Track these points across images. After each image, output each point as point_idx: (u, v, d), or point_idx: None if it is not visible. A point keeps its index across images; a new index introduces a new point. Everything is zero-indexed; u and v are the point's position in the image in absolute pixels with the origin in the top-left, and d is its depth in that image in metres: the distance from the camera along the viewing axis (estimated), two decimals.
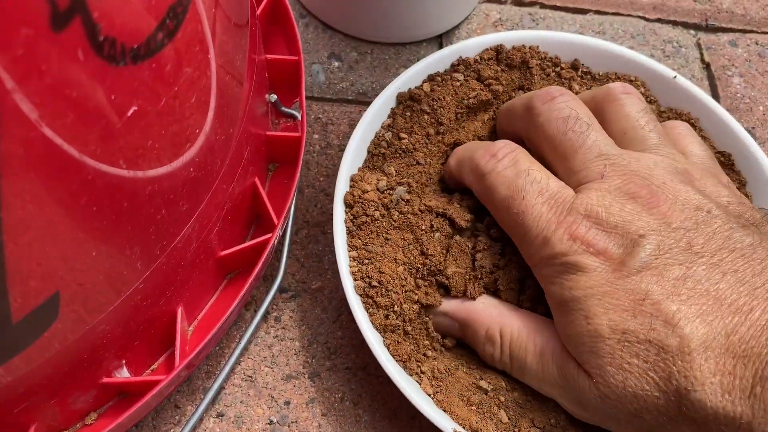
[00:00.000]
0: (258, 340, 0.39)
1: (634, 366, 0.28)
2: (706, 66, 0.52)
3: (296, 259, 0.41)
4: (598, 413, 0.30)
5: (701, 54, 0.52)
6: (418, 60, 0.43)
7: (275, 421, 0.37)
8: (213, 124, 0.27)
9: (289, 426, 0.37)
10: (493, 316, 0.34)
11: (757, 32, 0.54)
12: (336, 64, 0.48)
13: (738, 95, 0.50)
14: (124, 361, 0.31)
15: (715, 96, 0.50)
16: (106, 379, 0.31)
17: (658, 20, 0.54)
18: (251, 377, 0.38)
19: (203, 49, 0.25)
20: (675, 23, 0.54)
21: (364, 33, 0.49)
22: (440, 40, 0.50)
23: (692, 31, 0.53)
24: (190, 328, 0.35)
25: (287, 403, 0.37)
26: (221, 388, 0.37)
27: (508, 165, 0.33)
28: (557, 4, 0.53)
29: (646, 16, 0.54)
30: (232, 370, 0.38)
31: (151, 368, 0.34)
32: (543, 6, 0.53)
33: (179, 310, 0.32)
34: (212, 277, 0.35)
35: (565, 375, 0.31)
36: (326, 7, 0.49)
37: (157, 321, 0.32)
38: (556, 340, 0.31)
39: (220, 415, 0.37)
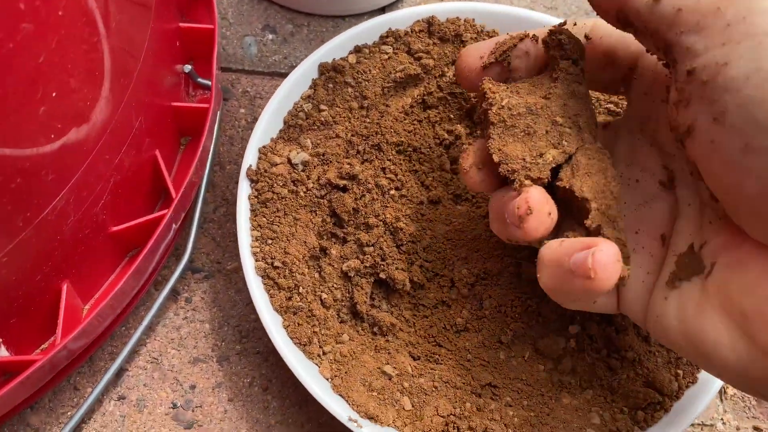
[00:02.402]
0: (166, 322, 0.37)
1: None
2: None
3: (212, 238, 0.39)
4: None
5: None
6: None
7: (179, 404, 0.35)
8: (78, 89, 0.26)
9: (193, 411, 0.35)
10: None
11: None
12: (270, 36, 0.46)
13: None
14: (0, 340, 0.30)
15: None
16: None
17: None
18: (156, 359, 0.36)
19: (50, 7, 0.23)
20: None
21: (301, 4, 0.46)
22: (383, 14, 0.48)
23: None
24: (86, 307, 0.33)
25: (193, 386, 0.36)
26: (123, 369, 0.36)
27: None
28: None
29: None
30: (136, 351, 0.36)
31: (42, 347, 0.33)
32: None
33: (64, 287, 0.31)
34: (108, 254, 0.33)
35: None
36: None
37: (37, 298, 0.30)
38: None
39: (121, 397, 0.35)
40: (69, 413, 0.35)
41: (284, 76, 0.45)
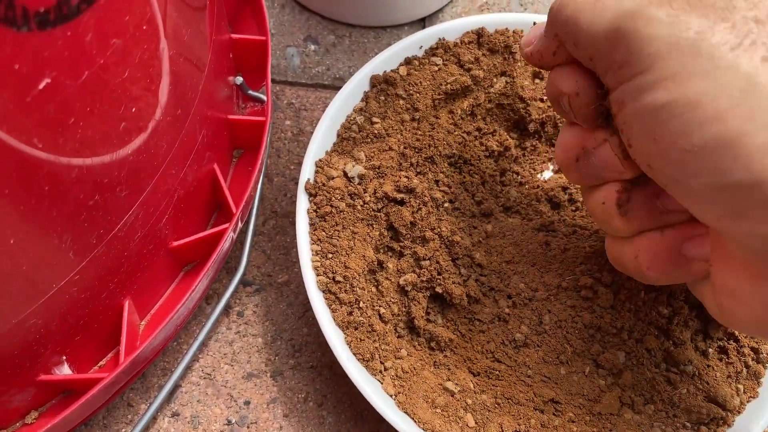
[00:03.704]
0: (219, 336, 0.37)
1: None
2: None
3: (262, 251, 0.39)
4: None
5: None
6: None
7: (234, 421, 0.35)
8: (154, 104, 0.25)
9: (248, 427, 0.35)
10: None
11: None
12: (312, 47, 0.46)
13: None
14: (64, 357, 0.29)
15: None
16: (43, 377, 0.29)
17: None
18: (210, 375, 0.36)
19: (137, 20, 0.23)
20: None
21: (343, 15, 0.46)
22: (423, 24, 0.48)
23: None
24: (143, 323, 0.33)
25: (247, 402, 0.35)
26: (177, 386, 0.35)
27: None
28: None
29: None
30: (189, 367, 0.36)
31: (99, 365, 0.32)
32: None
33: (126, 304, 0.30)
34: (166, 269, 0.33)
35: None
36: None
37: (100, 315, 0.30)
38: None
39: (175, 414, 0.35)
40: (123, 430, 0.34)
41: (328, 87, 0.45)
